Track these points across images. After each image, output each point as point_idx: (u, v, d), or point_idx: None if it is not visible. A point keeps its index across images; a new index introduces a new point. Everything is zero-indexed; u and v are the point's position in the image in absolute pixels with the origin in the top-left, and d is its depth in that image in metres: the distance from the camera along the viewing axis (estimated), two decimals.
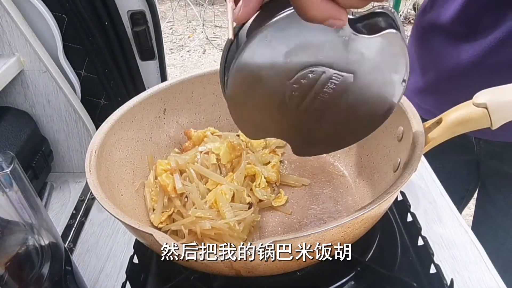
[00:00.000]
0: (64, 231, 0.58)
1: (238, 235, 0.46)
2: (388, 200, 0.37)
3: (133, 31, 0.69)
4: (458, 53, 0.61)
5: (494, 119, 0.39)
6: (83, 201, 0.64)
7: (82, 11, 0.63)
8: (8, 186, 0.34)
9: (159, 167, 0.52)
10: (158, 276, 0.48)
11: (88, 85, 0.70)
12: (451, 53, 0.62)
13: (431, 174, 0.63)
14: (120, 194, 0.48)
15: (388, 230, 0.50)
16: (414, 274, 0.45)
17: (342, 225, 0.34)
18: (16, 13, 0.59)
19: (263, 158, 0.57)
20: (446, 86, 0.65)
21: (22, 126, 0.63)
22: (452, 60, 0.62)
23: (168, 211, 0.50)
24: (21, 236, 0.37)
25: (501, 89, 0.40)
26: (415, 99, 0.46)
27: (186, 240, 0.46)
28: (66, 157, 0.70)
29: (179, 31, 3.46)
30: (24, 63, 0.62)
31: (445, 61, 0.63)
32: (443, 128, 0.41)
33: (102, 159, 0.46)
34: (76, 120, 0.66)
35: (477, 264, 0.49)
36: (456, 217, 0.55)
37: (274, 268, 0.37)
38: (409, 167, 0.38)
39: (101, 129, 0.48)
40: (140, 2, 0.67)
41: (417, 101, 0.45)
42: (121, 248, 0.55)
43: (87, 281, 0.49)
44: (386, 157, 0.49)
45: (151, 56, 0.73)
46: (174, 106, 0.58)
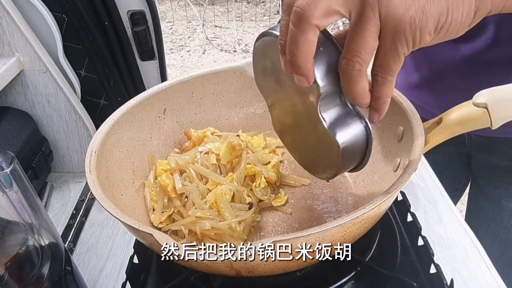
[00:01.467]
0: (64, 231, 0.58)
1: (238, 235, 0.46)
2: (388, 200, 0.37)
3: (133, 31, 0.69)
4: (452, 49, 0.60)
5: (494, 119, 0.39)
6: (83, 201, 0.64)
7: (82, 11, 0.63)
8: (8, 186, 0.34)
9: (159, 167, 0.52)
10: (158, 276, 0.48)
11: (88, 85, 0.70)
12: (445, 50, 0.61)
13: (431, 174, 0.63)
14: (120, 194, 0.48)
15: (388, 230, 0.50)
16: (414, 274, 0.45)
17: (342, 225, 0.34)
18: (16, 13, 0.59)
19: (263, 158, 0.57)
20: (439, 82, 0.65)
21: (22, 126, 0.63)
22: (446, 56, 0.62)
23: (168, 211, 0.50)
24: (21, 236, 0.37)
25: (501, 89, 0.40)
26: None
27: (186, 240, 0.46)
28: (66, 157, 0.70)
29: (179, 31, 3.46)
30: (24, 63, 0.62)
31: (438, 57, 0.63)
32: (443, 128, 0.41)
33: (102, 159, 0.46)
34: (76, 120, 0.66)
35: (477, 264, 0.49)
36: (456, 217, 0.55)
37: (274, 268, 0.37)
38: (409, 167, 0.38)
39: (101, 129, 0.48)
40: (140, 2, 0.67)
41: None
42: (121, 248, 0.55)
43: (87, 281, 0.49)
44: (386, 157, 0.49)
45: (151, 56, 0.73)
46: (174, 106, 0.58)
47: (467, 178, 0.79)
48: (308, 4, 0.28)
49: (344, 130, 0.35)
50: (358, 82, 0.31)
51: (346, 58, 0.30)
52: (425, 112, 0.44)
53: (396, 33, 0.29)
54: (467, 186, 0.80)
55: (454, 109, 0.42)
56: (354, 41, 0.29)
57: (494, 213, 0.72)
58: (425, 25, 0.29)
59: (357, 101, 0.32)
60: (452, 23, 0.30)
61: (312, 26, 0.29)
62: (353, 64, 0.30)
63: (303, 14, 0.28)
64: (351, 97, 0.32)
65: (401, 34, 0.29)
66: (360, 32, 0.29)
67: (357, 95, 0.32)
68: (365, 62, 0.30)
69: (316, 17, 0.29)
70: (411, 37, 0.29)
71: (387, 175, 0.47)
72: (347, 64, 0.30)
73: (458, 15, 0.30)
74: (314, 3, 0.28)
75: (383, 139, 0.50)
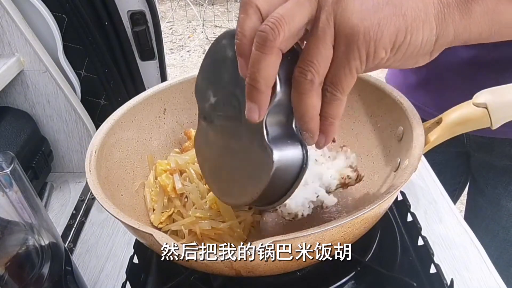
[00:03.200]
0: (64, 231, 0.58)
1: (238, 235, 0.46)
2: (388, 200, 0.37)
3: (133, 31, 0.69)
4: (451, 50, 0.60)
5: (494, 119, 0.39)
6: (83, 201, 0.64)
7: (82, 11, 0.63)
8: (8, 186, 0.34)
9: (159, 167, 0.52)
10: (158, 276, 0.48)
11: (88, 85, 0.70)
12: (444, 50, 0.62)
13: (431, 174, 0.63)
14: (120, 194, 0.48)
15: (388, 230, 0.50)
16: (414, 274, 0.45)
17: (342, 225, 0.34)
18: (16, 13, 0.59)
19: None
20: (437, 83, 0.65)
21: (22, 126, 0.63)
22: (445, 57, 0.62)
23: (168, 211, 0.50)
24: (21, 236, 0.37)
25: (501, 89, 0.40)
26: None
27: (186, 240, 0.46)
28: (66, 157, 0.70)
29: (179, 31, 3.46)
30: (24, 63, 0.62)
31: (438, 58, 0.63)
32: (443, 128, 0.41)
33: (102, 159, 0.46)
34: (76, 120, 0.66)
35: (477, 264, 0.49)
36: (456, 217, 0.55)
37: (274, 268, 0.37)
38: (409, 167, 0.38)
39: (101, 129, 0.48)
40: (140, 2, 0.67)
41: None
42: (121, 248, 0.55)
43: (87, 281, 0.49)
44: (386, 157, 0.49)
45: (151, 56, 0.73)
46: (174, 106, 0.58)
47: (465, 178, 0.79)
48: (272, 28, 0.27)
49: (283, 149, 0.33)
50: (308, 95, 0.29)
51: (300, 66, 0.29)
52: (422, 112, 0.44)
53: (349, 43, 0.28)
54: (466, 186, 0.80)
55: (454, 109, 0.42)
56: (308, 50, 0.29)
57: (493, 213, 0.72)
58: (380, 39, 0.28)
59: (303, 120, 0.31)
60: (411, 44, 0.29)
61: (275, 49, 0.28)
62: (305, 73, 0.29)
63: (267, 38, 0.28)
64: (299, 115, 0.31)
65: (354, 44, 0.28)
66: (313, 40, 0.29)
67: (305, 112, 0.30)
68: (317, 72, 0.29)
69: (281, 41, 0.28)
70: (364, 49, 0.28)
71: (387, 175, 0.47)
72: (299, 73, 0.29)
73: (417, 37, 0.29)
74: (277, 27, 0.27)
75: (383, 139, 0.50)
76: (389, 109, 0.48)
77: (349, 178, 0.42)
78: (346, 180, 0.42)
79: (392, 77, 0.74)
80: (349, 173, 0.42)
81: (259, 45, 0.28)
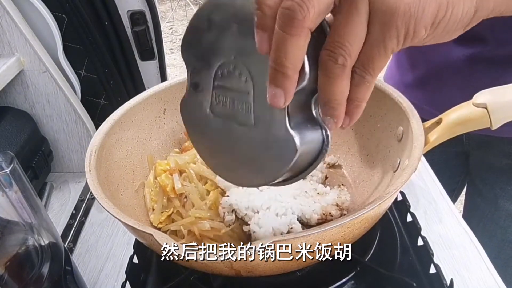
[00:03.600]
0: (64, 231, 0.58)
1: (238, 236, 0.46)
2: (388, 200, 0.37)
3: (133, 31, 0.69)
4: (449, 49, 0.60)
5: (494, 119, 0.39)
6: (83, 201, 0.64)
7: (82, 11, 0.63)
8: (8, 186, 0.34)
9: (158, 167, 0.52)
10: (158, 276, 0.48)
11: (88, 85, 0.70)
12: (442, 50, 0.61)
13: (431, 174, 0.63)
14: (120, 194, 0.48)
15: (388, 230, 0.50)
16: (414, 274, 0.45)
17: (342, 225, 0.34)
18: (16, 13, 0.59)
19: None
20: (435, 82, 0.65)
21: (22, 126, 0.63)
22: (443, 56, 0.61)
23: (167, 211, 0.50)
24: (21, 236, 0.37)
25: (501, 89, 0.40)
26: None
27: (186, 240, 0.46)
28: (66, 157, 0.70)
29: (179, 31, 3.46)
30: (24, 63, 0.62)
31: (436, 57, 0.63)
32: (443, 128, 0.41)
33: (102, 159, 0.46)
34: (76, 120, 0.66)
35: (476, 264, 0.49)
36: (456, 217, 0.55)
37: (274, 268, 0.37)
38: (409, 167, 0.38)
39: (101, 129, 0.48)
40: (140, 2, 0.67)
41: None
42: (121, 248, 0.55)
43: (87, 281, 0.49)
44: (386, 157, 0.49)
45: (151, 56, 0.73)
46: (174, 106, 0.58)
47: (464, 178, 0.79)
48: (300, 5, 0.24)
49: (305, 135, 0.30)
50: (337, 79, 0.26)
51: (328, 49, 0.26)
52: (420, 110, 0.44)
53: (387, 21, 0.25)
54: (465, 186, 0.80)
55: (454, 109, 0.42)
56: (339, 30, 0.25)
57: (490, 213, 0.72)
58: (422, 16, 0.25)
59: (329, 106, 0.27)
60: (451, 19, 0.27)
61: (305, 30, 0.24)
62: (335, 57, 0.25)
63: (294, 17, 0.24)
64: (326, 99, 0.27)
65: (392, 23, 0.25)
66: (345, 17, 0.25)
67: (333, 98, 0.27)
68: (349, 55, 0.25)
69: (311, 19, 0.24)
70: (403, 28, 0.25)
71: (387, 175, 0.47)
72: (328, 56, 0.26)
73: (458, 10, 0.27)
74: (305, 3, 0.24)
75: (383, 139, 0.50)
76: (389, 109, 0.48)
77: (331, 215, 0.43)
78: (327, 217, 0.43)
79: (390, 76, 0.74)
80: (332, 211, 0.43)
81: (285, 24, 0.24)
